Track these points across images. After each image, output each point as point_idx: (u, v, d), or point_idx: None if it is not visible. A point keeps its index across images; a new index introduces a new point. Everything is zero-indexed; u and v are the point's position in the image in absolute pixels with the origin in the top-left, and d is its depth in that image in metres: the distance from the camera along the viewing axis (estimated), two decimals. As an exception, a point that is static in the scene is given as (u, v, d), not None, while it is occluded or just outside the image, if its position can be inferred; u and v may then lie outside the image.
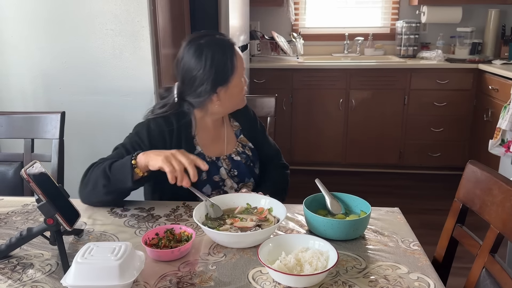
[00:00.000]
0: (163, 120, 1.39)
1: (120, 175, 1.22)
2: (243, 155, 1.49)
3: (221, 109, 1.41)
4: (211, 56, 1.31)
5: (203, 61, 1.31)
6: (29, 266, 1.02)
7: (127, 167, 1.21)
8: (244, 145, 1.52)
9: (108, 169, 1.24)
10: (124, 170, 1.22)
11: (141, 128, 1.38)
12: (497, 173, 1.02)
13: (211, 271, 0.99)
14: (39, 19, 1.94)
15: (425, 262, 1.03)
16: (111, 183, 1.24)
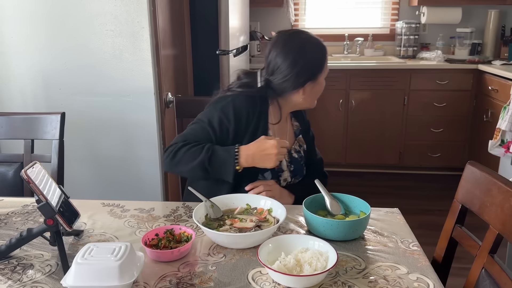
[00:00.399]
0: (247, 99, 1.41)
1: (221, 170, 1.32)
2: (299, 154, 1.54)
3: (302, 103, 1.46)
4: (310, 52, 1.40)
5: (302, 55, 1.38)
6: (29, 266, 1.02)
7: (230, 165, 1.31)
8: (300, 145, 1.56)
9: (207, 163, 1.30)
10: (226, 168, 1.31)
11: (226, 104, 1.39)
12: (497, 173, 1.03)
13: (211, 271, 0.99)
14: (39, 20, 1.94)
15: (424, 262, 1.03)
16: (210, 175, 1.32)
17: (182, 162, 1.34)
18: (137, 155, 2.05)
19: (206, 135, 1.38)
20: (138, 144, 2.03)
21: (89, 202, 1.36)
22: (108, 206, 1.34)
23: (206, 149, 1.32)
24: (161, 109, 2.03)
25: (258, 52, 3.99)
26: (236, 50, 2.84)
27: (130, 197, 1.96)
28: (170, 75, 2.18)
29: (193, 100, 1.92)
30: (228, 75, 2.66)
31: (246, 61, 3.40)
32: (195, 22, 2.59)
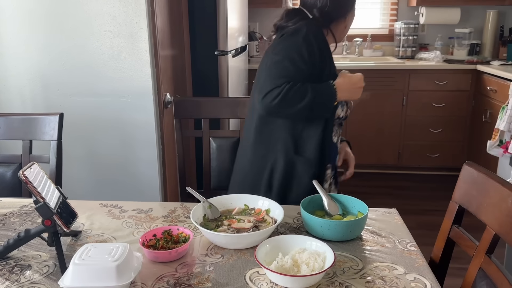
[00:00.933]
0: (317, 29, 1.44)
1: (323, 108, 1.40)
2: None
3: (341, 36, 1.54)
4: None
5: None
6: (27, 267, 1.02)
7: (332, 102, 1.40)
8: None
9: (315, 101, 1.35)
10: (328, 104, 1.40)
11: (304, 35, 1.39)
12: (494, 174, 1.03)
13: (209, 272, 0.99)
14: (37, 21, 1.94)
15: (422, 262, 1.03)
16: (313, 113, 1.39)
17: (291, 104, 1.33)
18: (135, 155, 2.05)
19: (299, 71, 1.35)
20: (137, 145, 2.03)
21: (87, 203, 1.36)
22: (106, 206, 1.34)
23: (311, 88, 1.34)
24: (159, 110, 2.03)
25: (257, 52, 3.99)
26: (235, 50, 2.84)
27: (128, 198, 1.96)
28: (168, 75, 2.18)
29: (192, 100, 1.92)
30: (227, 75, 2.66)
31: (245, 61, 3.40)
32: (194, 23, 2.59)
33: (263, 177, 1.47)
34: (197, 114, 1.80)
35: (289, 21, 1.47)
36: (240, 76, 3.15)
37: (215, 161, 1.78)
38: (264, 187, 1.47)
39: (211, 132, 1.78)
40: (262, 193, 1.44)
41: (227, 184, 1.78)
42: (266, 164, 1.47)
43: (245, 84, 3.46)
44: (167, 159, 2.13)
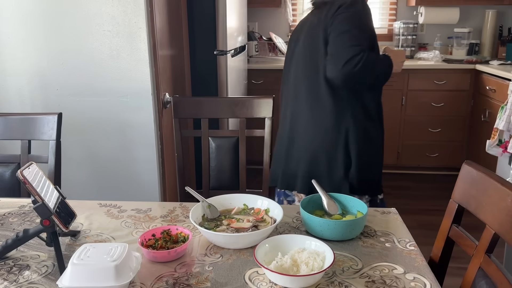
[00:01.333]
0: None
1: (385, 78, 1.58)
2: None
3: None
4: None
5: None
6: (25, 267, 1.02)
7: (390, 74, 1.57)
8: None
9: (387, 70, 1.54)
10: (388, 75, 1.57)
11: (362, 4, 1.49)
12: (493, 173, 1.03)
13: (208, 272, 0.99)
14: (36, 21, 1.94)
15: (421, 262, 1.03)
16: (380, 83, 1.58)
17: (368, 71, 1.45)
18: (134, 155, 2.04)
19: (367, 39, 1.48)
20: (136, 145, 2.03)
21: (86, 203, 1.36)
22: (105, 206, 1.34)
23: (377, 58, 1.51)
24: (158, 110, 2.03)
25: (256, 52, 3.99)
26: (234, 50, 2.84)
27: (127, 198, 1.96)
28: (167, 75, 2.17)
29: (191, 100, 1.92)
30: (226, 75, 2.66)
31: (244, 61, 3.40)
32: (193, 22, 2.59)
33: (339, 148, 1.54)
34: (196, 114, 1.79)
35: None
36: (239, 76, 3.15)
37: (214, 161, 1.78)
38: (342, 157, 1.54)
39: (210, 132, 1.78)
40: (341, 164, 1.54)
41: (226, 184, 1.78)
42: (339, 134, 1.54)
43: (244, 84, 3.46)
44: (166, 159, 2.12)
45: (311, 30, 1.56)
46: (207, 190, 1.78)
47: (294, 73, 1.64)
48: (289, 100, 1.67)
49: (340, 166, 1.55)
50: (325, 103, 1.53)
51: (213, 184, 1.79)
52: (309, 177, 1.52)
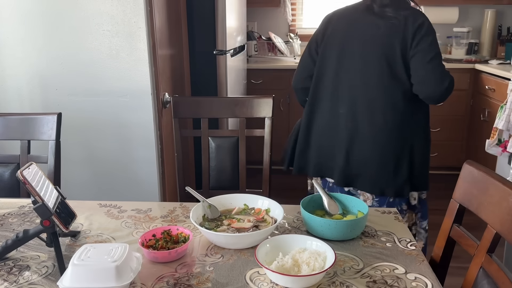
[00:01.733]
0: None
1: None
2: None
3: None
4: None
5: None
6: (26, 268, 1.01)
7: None
8: None
9: None
10: None
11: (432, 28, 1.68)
12: (494, 172, 1.03)
13: (209, 272, 0.99)
14: (35, 20, 1.93)
15: (422, 262, 1.03)
16: None
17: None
18: (134, 155, 2.04)
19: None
20: (135, 144, 2.03)
21: (86, 203, 1.35)
22: (105, 206, 1.34)
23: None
24: (158, 109, 2.02)
25: (255, 52, 3.99)
26: (233, 50, 2.84)
27: (127, 198, 1.96)
28: (167, 75, 2.17)
29: (191, 100, 1.92)
30: (226, 75, 2.65)
31: (243, 61, 3.40)
32: (192, 22, 2.59)
33: (405, 150, 1.68)
34: (195, 113, 1.79)
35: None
36: (238, 76, 3.15)
37: (214, 160, 1.78)
38: (408, 158, 1.68)
39: (210, 132, 1.77)
40: (406, 165, 1.68)
41: (226, 184, 1.78)
42: (407, 137, 1.68)
43: (244, 84, 3.46)
44: (166, 159, 2.12)
45: (381, 38, 1.64)
46: (207, 190, 1.77)
47: (353, 73, 1.69)
48: (343, 98, 1.71)
49: (405, 167, 1.68)
50: (401, 111, 1.66)
51: (213, 184, 1.78)
52: (376, 178, 1.68)
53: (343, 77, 1.70)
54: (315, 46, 1.81)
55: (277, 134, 3.72)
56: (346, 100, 1.70)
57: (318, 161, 1.78)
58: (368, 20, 1.68)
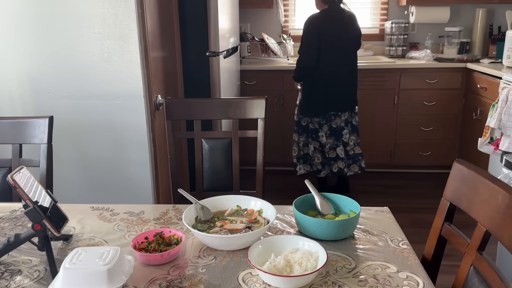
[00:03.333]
0: None
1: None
2: None
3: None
4: None
5: None
6: (17, 272, 1.01)
7: None
8: None
9: None
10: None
11: None
12: (484, 171, 1.03)
13: (201, 274, 0.99)
14: (26, 23, 1.92)
15: (414, 261, 1.04)
16: None
17: None
18: (127, 158, 2.03)
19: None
20: (128, 147, 2.02)
21: (78, 206, 1.35)
22: (97, 210, 1.33)
23: None
24: (151, 112, 2.02)
25: (248, 53, 3.99)
26: (226, 51, 2.84)
27: (121, 201, 1.95)
28: (159, 77, 2.17)
29: (183, 102, 1.92)
30: (219, 76, 2.65)
31: (236, 62, 3.40)
32: (185, 24, 2.59)
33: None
34: (188, 115, 1.79)
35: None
36: (232, 77, 3.15)
37: (208, 162, 1.78)
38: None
39: (203, 134, 1.77)
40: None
41: (219, 185, 1.78)
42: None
43: (237, 85, 3.46)
44: (159, 161, 2.12)
45: (355, 32, 3.07)
46: (200, 192, 1.77)
47: (345, 50, 3.00)
48: (341, 62, 3.01)
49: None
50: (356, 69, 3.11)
51: (206, 186, 1.78)
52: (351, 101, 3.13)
53: (334, 49, 2.97)
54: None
55: (271, 135, 3.73)
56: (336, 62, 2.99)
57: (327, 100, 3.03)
58: (345, 17, 2.98)
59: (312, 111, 3.07)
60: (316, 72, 2.96)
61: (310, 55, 2.91)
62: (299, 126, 3.21)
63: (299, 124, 3.21)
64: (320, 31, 2.90)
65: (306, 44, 2.94)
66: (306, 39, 2.94)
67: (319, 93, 3.01)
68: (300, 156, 3.26)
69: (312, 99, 3.04)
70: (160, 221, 1.25)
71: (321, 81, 2.99)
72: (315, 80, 3.00)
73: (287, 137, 3.80)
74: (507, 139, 2.61)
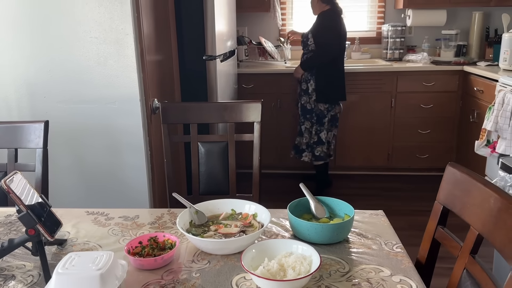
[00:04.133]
0: None
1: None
2: None
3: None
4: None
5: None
6: (11, 277, 1.01)
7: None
8: None
9: None
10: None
11: None
12: (476, 174, 1.04)
13: (195, 278, 0.99)
14: (22, 28, 1.93)
15: (407, 264, 1.04)
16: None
17: None
18: (123, 162, 2.04)
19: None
20: (125, 151, 2.02)
21: (73, 211, 1.35)
22: (92, 214, 1.33)
23: None
24: (147, 115, 2.02)
25: (246, 56, 4.00)
26: (223, 55, 2.85)
27: (117, 205, 1.95)
28: (156, 81, 2.17)
29: (179, 105, 1.92)
30: (216, 80, 2.66)
31: (234, 66, 3.41)
32: (181, 27, 2.59)
33: None
34: (184, 119, 1.79)
35: None
36: (229, 80, 3.15)
37: (204, 166, 1.78)
38: None
39: (199, 137, 1.78)
40: None
41: (216, 189, 1.78)
42: None
43: (235, 88, 3.46)
44: (156, 165, 2.12)
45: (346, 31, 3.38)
46: (197, 196, 1.77)
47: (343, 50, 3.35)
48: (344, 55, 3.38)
49: None
50: None
51: (203, 189, 1.79)
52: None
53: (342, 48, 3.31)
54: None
55: (269, 138, 3.73)
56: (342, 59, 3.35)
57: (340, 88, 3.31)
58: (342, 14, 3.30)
59: (332, 98, 3.27)
60: (335, 61, 3.23)
61: (336, 45, 3.17)
62: (313, 114, 3.29)
63: (312, 112, 3.29)
64: (340, 25, 3.22)
65: (334, 35, 3.17)
66: (333, 29, 3.17)
67: (339, 81, 3.27)
68: (310, 144, 3.37)
69: (332, 86, 3.24)
70: (154, 226, 1.25)
71: (339, 70, 3.27)
72: (335, 68, 3.23)
73: (284, 139, 3.80)
74: (503, 141, 2.62)
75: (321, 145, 3.37)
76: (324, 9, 3.18)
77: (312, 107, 3.29)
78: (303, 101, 3.32)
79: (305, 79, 3.27)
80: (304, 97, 3.31)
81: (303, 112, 3.34)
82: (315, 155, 3.38)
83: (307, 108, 3.31)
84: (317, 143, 3.36)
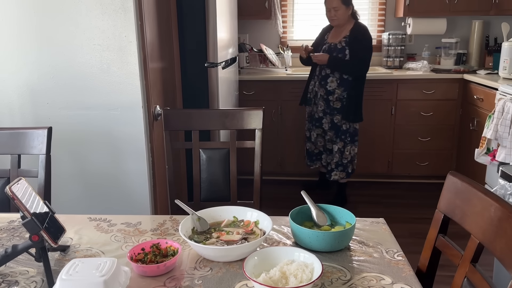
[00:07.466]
0: None
1: None
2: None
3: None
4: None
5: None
6: (14, 283, 1.01)
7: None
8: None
9: None
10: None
11: None
12: (477, 183, 1.05)
13: (197, 285, 0.99)
14: (26, 35, 1.94)
15: (409, 272, 1.04)
16: None
17: None
18: (125, 168, 2.04)
19: None
20: (127, 157, 2.03)
21: (75, 217, 1.36)
22: (94, 220, 1.34)
23: None
24: (149, 122, 2.04)
25: (247, 63, 4.02)
26: (225, 62, 2.87)
27: (118, 211, 1.96)
28: (158, 88, 2.19)
29: (182, 112, 1.93)
30: (217, 87, 2.67)
31: (235, 73, 3.43)
32: (183, 35, 2.61)
33: None
34: (186, 126, 1.81)
35: None
36: (230, 87, 3.17)
37: (205, 172, 1.79)
38: None
39: (200, 144, 1.79)
40: None
41: (217, 196, 1.79)
42: None
43: (236, 95, 3.48)
44: (157, 172, 2.13)
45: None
46: (198, 202, 1.78)
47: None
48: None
49: None
50: None
51: (204, 196, 1.79)
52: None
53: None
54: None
55: (271, 145, 3.75)
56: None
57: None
58: None
59: (362, 114, 3.25)
60: (364, 78, 3.22)
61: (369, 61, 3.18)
62: (347, 134, 3.23)
63: (347, 132, 3.23)
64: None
65: (371, 51, 3.21)
66: (371, 46, 3.21)
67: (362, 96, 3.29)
68: (341, 163, 3.28)
69: (361, 104, 3.24)
70: (157, 232, 1.26)
71: (363, 86, 3.25)
72: (362, 85, 3.22)
73: (285, 146, 3.81)
74: (503, 150, 2.63)
75: (353, 162, 3.29)
76: (351, 21, 3.19)
77: (348, 127, 3.20)
78: (336, 120, 3.19)
79: (338, 97, 3.16)
80: (337, 116, 3.18)
81: (337, 132, 3.22)
82: (348, 173, 3.29)
83: (342, 128, 3.20)
84: (350, 161, 3.28)
